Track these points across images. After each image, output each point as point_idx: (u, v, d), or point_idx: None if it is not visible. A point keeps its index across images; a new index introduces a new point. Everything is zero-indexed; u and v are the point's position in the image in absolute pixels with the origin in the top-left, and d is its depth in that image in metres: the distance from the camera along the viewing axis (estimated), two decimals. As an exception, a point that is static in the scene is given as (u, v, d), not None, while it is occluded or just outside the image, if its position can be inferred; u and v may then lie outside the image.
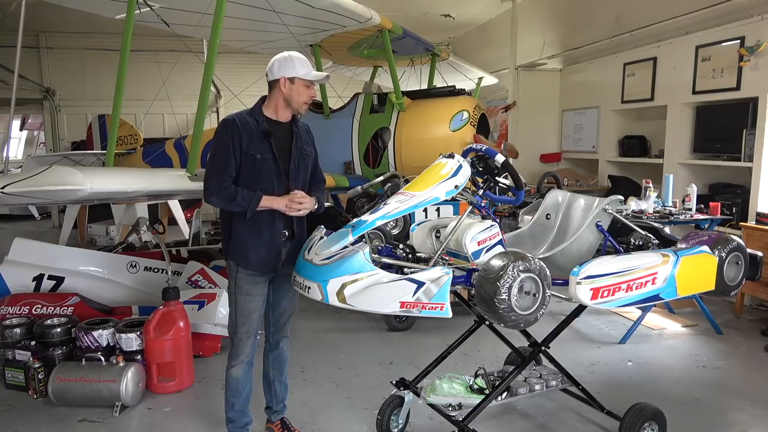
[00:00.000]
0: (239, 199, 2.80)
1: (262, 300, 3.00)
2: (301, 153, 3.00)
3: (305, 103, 2.91)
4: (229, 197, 2.81)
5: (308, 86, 2.89)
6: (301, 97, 2.88)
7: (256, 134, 2.84)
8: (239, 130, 2.81)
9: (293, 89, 2.86)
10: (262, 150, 2.83)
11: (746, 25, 5.45)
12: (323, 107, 6.38)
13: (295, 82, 2.86)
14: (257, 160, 2.82)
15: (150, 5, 4.52)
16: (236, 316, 2.98)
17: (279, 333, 3.19)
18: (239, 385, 3.03)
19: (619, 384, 4.00)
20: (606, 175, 7.77)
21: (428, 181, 2.68)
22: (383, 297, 2.31)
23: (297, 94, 2.87)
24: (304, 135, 3.05)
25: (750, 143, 5.41)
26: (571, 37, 8.47)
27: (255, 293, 2.96)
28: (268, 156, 2.85)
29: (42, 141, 14.17)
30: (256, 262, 2.91)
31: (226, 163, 2.81)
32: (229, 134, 2.81)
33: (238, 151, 2.80)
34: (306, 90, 2.89)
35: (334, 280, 2.34)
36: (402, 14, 8.73)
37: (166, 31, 5.03)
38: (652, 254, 2.73)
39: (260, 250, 2.90)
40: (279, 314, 3.15)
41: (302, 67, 2.87)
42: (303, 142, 3.02)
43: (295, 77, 2.85)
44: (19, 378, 3.84)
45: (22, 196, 3.47)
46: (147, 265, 5.07)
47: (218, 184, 2.80)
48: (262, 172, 2.84)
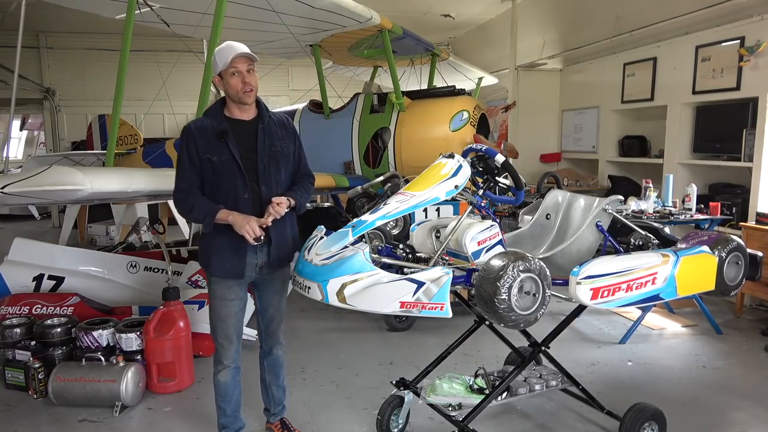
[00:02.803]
0: (195, 211, 2.72)
1: (239, 304, 2.90)
2: (271, 150, 2.82)
3: (245, 92, 2.73)
4: (187, 207, 2.74)
5: (235, 73, 2.71)
6: (233, 88, 2.73)
7: (212, 136, 2.73)
8: (194, 136, 2.73)
9: (224, 84, 2.75)
10: (218, 152, 2.72)
11: (746, 25, 5.45)
12: (323, 107, 6.38)
13: (224, 76, 2.74)
14: (215, 163, 2.71)
15: (150, 5, 4.52)
16: (214, 321, 2.91)
17: (270, 339, 3.12)
18: (227, 389, 2.97)
19: (619, 384, 3.99)
20: (606, 175, 7.77)
21: (428, 181, 2.68)
22: (383, 297, 2.31)
23: (229, 87, 2.74)
24: (276, 130, 2.87)
25: (750, 143, 5.41)
26: (571, 37, 8.47)
27: (230, 298, 2.86)
28: (227, 157, 2.72)
29: (42, 141, 14.17)
30: (218, 266, 2.81)
31: (183, 172, 2.75)
32: (185, 142, 2.75)
33: (196, 157, 2.72)
34: (234, 79, 2.71)
35: (334, 280, 2.33)
36: (402, 14, 8.73)
37: (166, 31, 5.04)
38: (652, 254, 2.73)
39: (223, 253, 2.79)
40: (267, 321, 3.09)
41: (222, 58, 2.72)
42: (274, 138, 2.84)
43: (221, 71, 2.74)
44: (19, 378, 3.84)
45: (22, 196, 3.46)
46: (147, 265, 5.06)
47: (178, 194, 2.75)
48: (222, 174, 2.73)
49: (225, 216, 2.68)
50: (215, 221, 2.70)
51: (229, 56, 2.69)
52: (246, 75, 2.72)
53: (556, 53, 8.77)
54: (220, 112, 2.80)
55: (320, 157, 6.20)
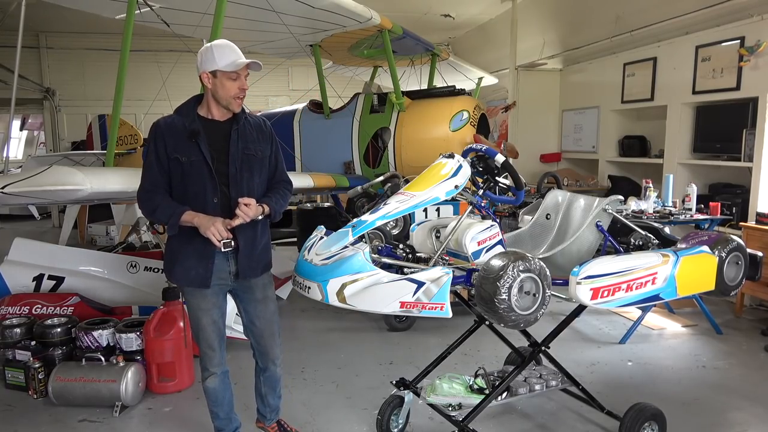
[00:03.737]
0: (159, 212, 2.58)
1: (217, 312, 2.77)
2: (245, 154, 2.67)
3: (235, 98, 2.60)
4: (150, 207, 2.61)
5: (234, 78, 2.57)
6: (227, 92, 2.58)
7: (183, 136, 2.58)
8: (163, 134, 2.60)
9: (216, 84, 2.57)
10: (188, 152, 2.57)
11: (746, 25, 5.45)
12: (323, 107, 6.38)
13: (217, 76, 2.56)
14: (184, 163, 2.57)
15: (150, 5, 4.52)
16: (194, 330, 2.81)
17: (265, 357, 2.95)
18: (218, 394, 2.89)
19: (619, 384, 3.99)
20: (606, 175, 7.77)
21: (428, 181, 2.68)
22: (383, 297, 2.31)
23: (222, 89, 2.57)
24: (250, 133, 2.72)
25: (750, 143, 5.41)
26: (571, 37, 8.47)
27: (204, 307, 2.73)
28: (197, 158, 2.58)
29: (42, 141, 14.17)
30: (181, 274, 2.68)
31: (148, 171, 2.62)
32: (153, 139, 2.62)
33: (164, 156, 2.58)
34: (231, 83, 2.57)
35: (334, 280, 2.33)
36: (402, 14, 8.73)
37: (166, 31, 5.04)
38: (652, 254, 2.73)
39: (187, 262, 2.65)
40: (257, 337, 2.90)
41: (223, 57, 2.54)
42: (248, 140, 2.69)
43: (217, 70, 2.55)
44: (19, 378, 3.84)
45: (22, 196, 3.46)
46: (147, 265, 5.06)
47: (142, 193, 2.63)
48: (191, 176, 2.59)
49: (190, 218, 2.54)
50: (180, 223, 2.56)
51: (233, 60, 2.55)
52: (245, 83, 2.63)
53: (556, 53, 8.77)
54: (192, 110, 2.66)
55: (320, 157, 6.21)
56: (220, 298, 2.79)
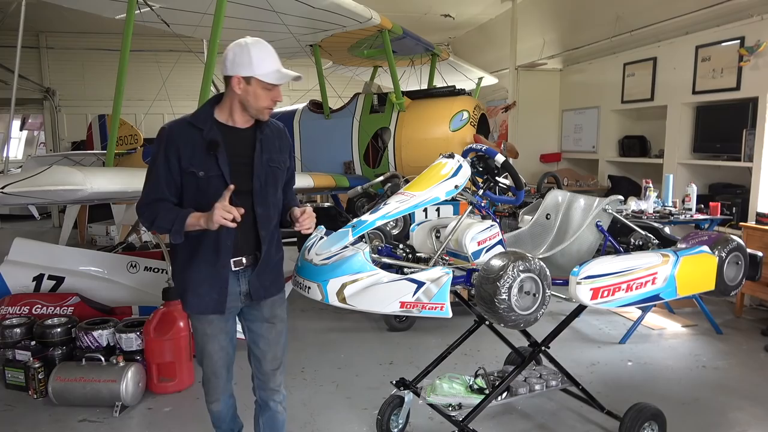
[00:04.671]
0: (160, 220, 2.23)
1: (225, 338, 2.48)
2: (269, 166, 2.37)
3: (266, 108, 2.30)
4: (150, 218, 2.26)
5: (269, 88, 2.25)
6: (259, 102, 2.26)
7: (200, 146, 2.24)
8: (176, 141, 2.24)
9: (249, 91, 2.23)
10: (206, 166, 2.24)
11: (746, 25, 5.45)
12: (323, 107, 6.38)
13: (251, 83, 2.22)
14: (200, 179, 2.24)
15: (150, 5, 4.53)
16: (199, 356, 2.53)
17: (266, 389, 2.56)
18: (221, 415, 2.64)
19: (619, 384, 3.99)
20: (606, 175, 7.77)
21: (428, 181, 2.68)
22: (383, 297, 2.31)
23: (254, 98, 2.25)
24: (273, 141, 2.42)
25: (750, 143, 5.41)
26: (571, 37, 8.47)
27: (212, 332, 2.44)
28: (214, 173, 2.25)
29: (42, 141, 14.17)
30: (195, 303, 2.37)
31: (154, 183, 2.26)
32: (163, 147, 2.25)
33: (177, 168, 2.24)
34: (266, 93, 2.25)
35: (334, 280, 2.33)
36: (402, 14, 8.73)
37: (166, 31, 5.04)
38: (652, 254, 2.73)
39: (200, 288, 2.34)
40: (260, 363, 2.53)
41: (261, 63, 2.20)
42: (271, 150, 2.39)
43: (252, 77, 2.21)
44: (19, 378, 3.84)
45: (22, 196, 3.47)
46: (147, 265, 5.06)
47: (143, 205, 2.29)
48: (207, 193, 2.24)
49: (196, 220, 2.19)
50: (186, 229, 2.21)
51: (275, 70, 2.23)
52: (279, 93, 2.30)
53: (556, 53, 8.77)
54: (210, 115, 2.31)
55: (320, 157, 6.21)
56: (229, 323, 2.51)
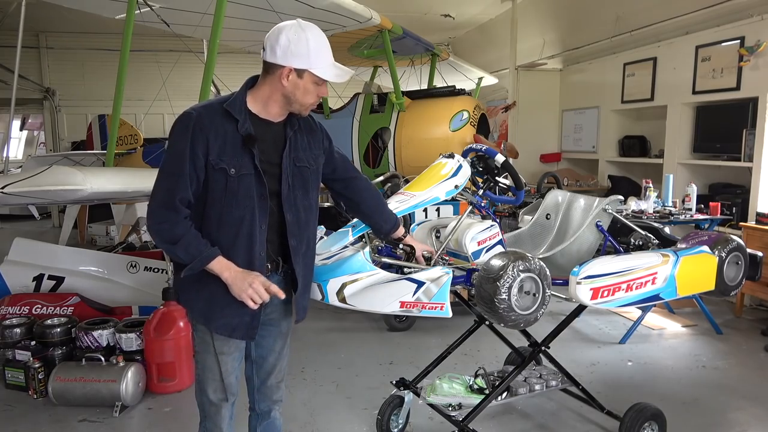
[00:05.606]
0: (179, 248, 1.92)
1: (239, 357, 2.22)
2: (296, 166, 2.09)
3: (312, 104, 2.08)
4: (169, 238, 1.93)
5: (320, 83, 2.03)
6: (307, 98, 2.03)
7: (233, 139, 1.95)
8: (205, 131, 1.92)
9: (299, 86, 1.98)
10: (238, 163, 1.95)
11: (746, 25, 5.45)
12: (323, 107, 6.38)
13: (304, 77, 1.98)
14: (230, 177, 1.94)
15: (150, 5, 4.53)
16: (203, 377, 2.19)
17: (268, 400, 2.39)
18: None
19: (619, 384, 3.99)
20: (606, 175, 7.77)
21: (428, 181, 2.68)
22: (383, 297, 2.31)
23: (303, 94, 2.01)
24: (302, 138, 2.14)
25: (750, 143, 5.41)
26: (571, 37, 8.47)
27: (228, 351, 2.15)
28: (247, 172, 1.97)
29: (42, 141, 14.17)
30: (222, 323, 2.08)
31: (176, 178, 1.92)
32: (188, 136, 1.91)
33: (202, 163, 1.92)
34: (315, 89, 2.03)
35: (334, 280, 2.33)
36: (402, 14, 8.73)
37: (166, 31, 5.04)
38: (652, 254, 2.73)
39: (227, 308, 2.04)
40: (265, 375, 2.35)
41: (320, 56, 1.97)
42: (299, 148, 2.11)
43: (307, 70, 1.97)
44: (19, 378, 3.84)
45: (22, 196, 3.47)
46: (147, 265, 5.06)
47: (163, 211, 1.93)
48: (237, 195, 1.97)
49: (219, 268, 1.95)
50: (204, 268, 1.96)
51: (331, 64, 2.02)
52: (326, 88, 2.11)
53: (556, 53, 8.76)
54: (244, 105, 2.01)
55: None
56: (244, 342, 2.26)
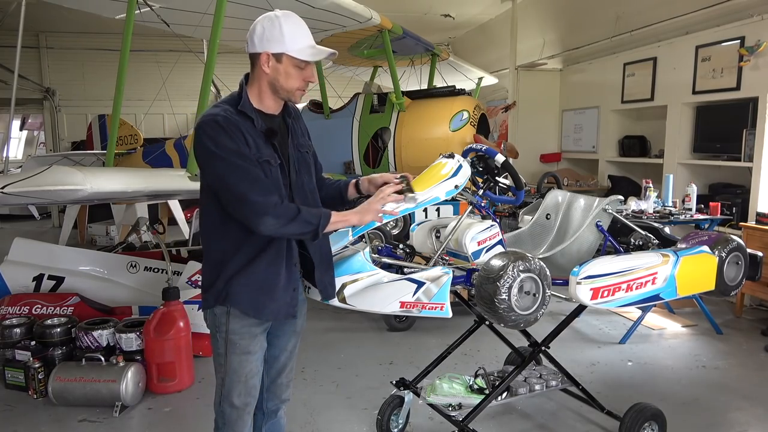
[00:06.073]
0: (305, 215, 1.99)
1: (261, 356, 2.26)
2: (299, 152, 2.20)
3: (298, 90, 2.07)
4: (291, 214, 1.98)
5: (302, 67, 2.03)
6: (290, 82, 2.04)
7: (256, 135, 2.03)
8: (240, 130, 1.99)
9: (280, 70, 2.01)
10: (270, 155, 2.05)
11: (746, 25, 5.45)
12: (323, 107, 6.38)
13: (282, 61, 2.00)
14: (272, 168, 2.05)
15: (150, 5, 4.52)
16: (229, 381, 2.18)
17: (275, 399, 2.42)
18: None
19: (619, 384, 3.99)
20: (606, 175, 7.77)
21: (428, 181, 2.67)
22: (383, 297, 2.31)
23: (285, 78, 2.02)
24: (297, 125, 2.26)
25: (750, 143, 5.41)
26: (571, 37, 8.47)
27: (254, 350, 2.18)
28: (277, 162, 2.08)
29: (42, 141, 14.17)
30: (272, 308, 2.14)
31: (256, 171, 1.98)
32: (233, 137, 1.97)
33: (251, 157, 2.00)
34: (298, 73, 2.03)
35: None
36: (402, 14, 8.73)
37: (166, 31, 5.04)
38: (652, 254, 2.73)
39: (276, 292, 2.12)
40: (275, 374, 2.38)
41: (295, 38, 1.99)
42: (298, 134, 2.24)
43: (283, 53, 1.99)
44: (19, 378, 3.84)
45: (22, 196, 3.47)
46: (147, 265, 5.06)
47: (265, 199, 1.96)
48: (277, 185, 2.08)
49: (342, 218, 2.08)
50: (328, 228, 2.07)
51: (309, 45, 2.02)
52: (311, 72, 2.09)
53: (556, 53, 8.76)
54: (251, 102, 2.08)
55: (320, 157, 6.17)
56: (265, 338, 2.27)
